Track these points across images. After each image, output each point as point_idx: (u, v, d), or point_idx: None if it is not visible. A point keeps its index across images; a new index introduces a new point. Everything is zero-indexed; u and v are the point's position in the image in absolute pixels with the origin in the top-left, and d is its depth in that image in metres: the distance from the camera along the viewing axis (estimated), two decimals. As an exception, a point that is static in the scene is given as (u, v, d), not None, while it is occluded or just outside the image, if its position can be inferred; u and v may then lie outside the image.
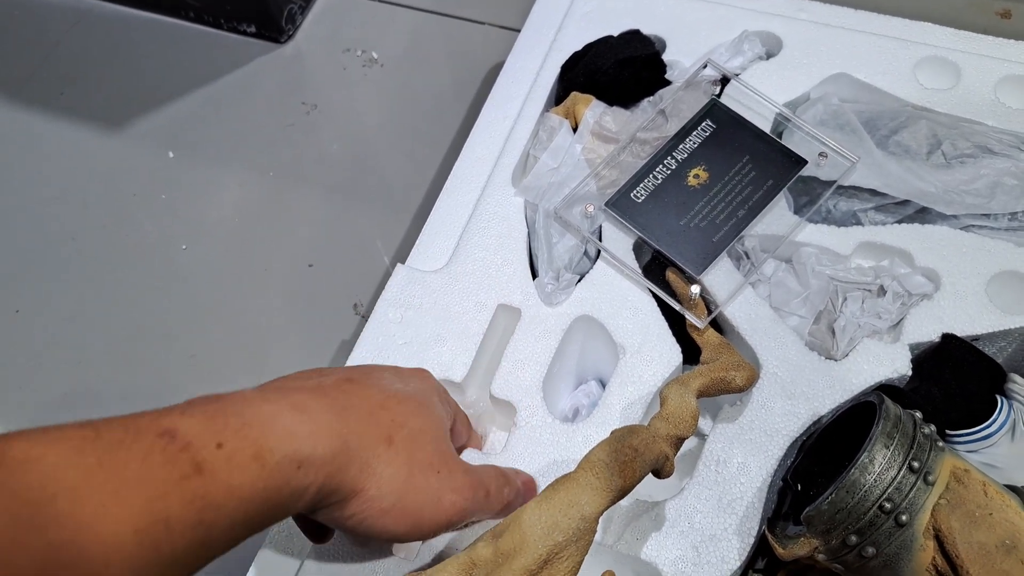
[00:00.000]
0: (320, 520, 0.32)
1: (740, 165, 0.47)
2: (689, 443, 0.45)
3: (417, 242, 0.49)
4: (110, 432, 0.25)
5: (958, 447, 0.42)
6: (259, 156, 0.66)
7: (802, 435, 0.42)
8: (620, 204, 0.48)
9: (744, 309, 0.45)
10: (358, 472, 0.30)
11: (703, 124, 0.49)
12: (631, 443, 0.35)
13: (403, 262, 0.49)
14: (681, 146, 0.48)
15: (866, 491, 0.35)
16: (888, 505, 0.35)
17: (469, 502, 0.34)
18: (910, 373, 0.43)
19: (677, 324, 0.46)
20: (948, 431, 0.42)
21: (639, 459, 0.35)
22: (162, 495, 0.24)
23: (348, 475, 0.30)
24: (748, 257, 0.47)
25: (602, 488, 0.33)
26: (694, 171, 0.48)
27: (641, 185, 0.48)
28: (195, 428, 0.26)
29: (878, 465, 0.35)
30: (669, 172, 0.48)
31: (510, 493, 0.37)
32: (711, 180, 0.47)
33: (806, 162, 0.48)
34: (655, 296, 0.47)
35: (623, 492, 0.34)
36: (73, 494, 0.22)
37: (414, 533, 0.33)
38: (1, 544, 0.20)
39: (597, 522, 0.33)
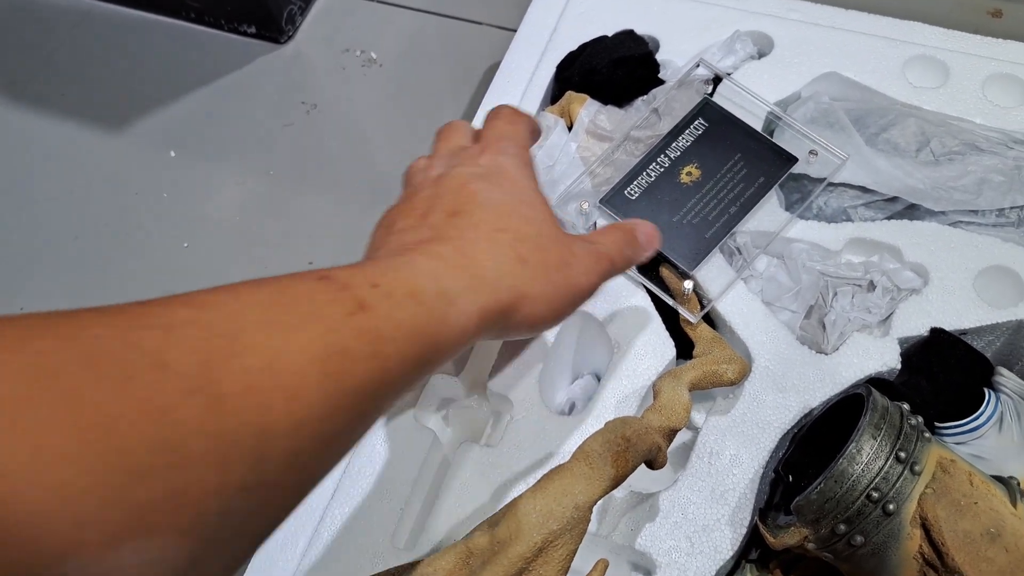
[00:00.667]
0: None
1: (732, 163, 0.48)
2: (683, 436, 0.46)
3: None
4: (274, 281, 0.25)
5: (947, 439, 0.42)
6: (259, 155, 0.66)
7: (793, 427, 0.43)
8: (614, 201, 0.48)
9: (736, 304, 0.46)
10: (508, 296, 0.31)
11: (695, 123, 0.50)
12: (624, 433, 0.36)
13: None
14: (674, 144, 0.49)
15: (854, 481, 0.36)
16: (876, 494, 0.36)
17: (601, 277, 0.36)
18: (899, 367, 0.44)
19: (671, 319, 0.47)
20: (937, 423, 0.42)
21: (632, 449, 0.35)
22: (335, 328, 0.24)
23: (499, 305, 0.31)
24: (740, 253, 0.48)
25: (595, 478, 0.34)
26: (687, 169, 0.48)
27: (635, 183, 0.48)
28: (347, 273, 0.27)
29: (865, 455, 0.36)
30: (662, 170, 0.49)
31: (632, 251, 0.38)
32: (703, 177, 0.48)
33: (796, 160, 0.48)
34: (649, 292, 0.48)
35: (616, 481, 0.35)
36: (260, 327, 0.23)
37: (559, 322, 0.35)
38: (199, 371, 0.20)
39: (591, 511, 0.34)
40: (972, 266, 0.46)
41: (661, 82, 0.54)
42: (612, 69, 0.53)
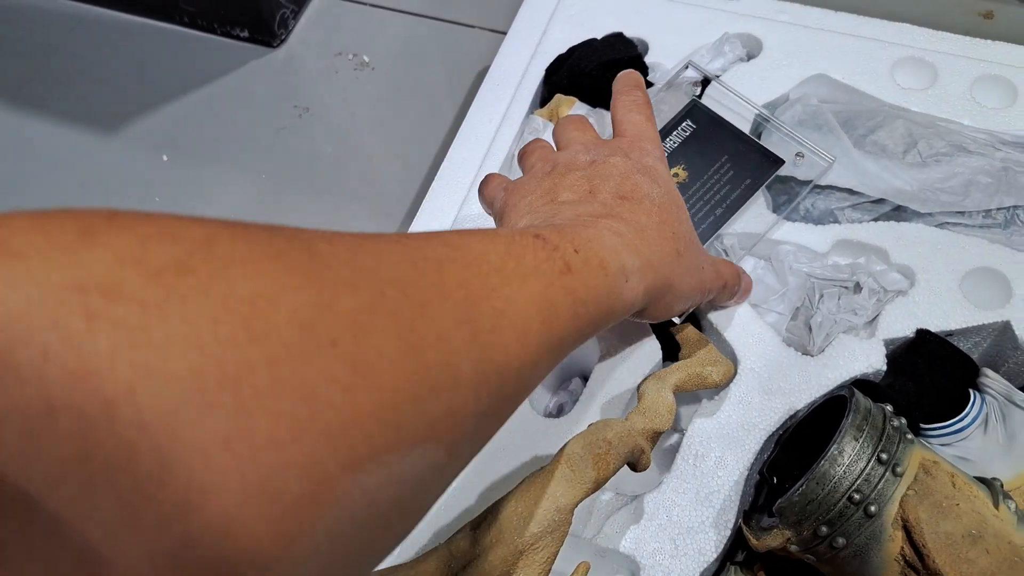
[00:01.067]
0: None
1: (719, 164, 0.48)
2: (669, 438, 0.46)
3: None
4: (504, 232, 0.28)
5: (932, 440, 0.43)
6: (252, 159, 0.67)
7: (778, 429, 0.43)
8: None
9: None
10: (663, 283, 0.34)
11: (683, 124, 0.50)
12: (605, 436, 0.36)
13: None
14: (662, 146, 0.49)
15: (835, 483, 0.36)
16: (857, 496, 0.36)
17: (714, 292, 0.41)
18: (885, 368, 0.44)
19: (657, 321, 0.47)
20: (922, 425, 0.43)
21: (613, 452, 0.35)
22: (550, 284, 0.27)
23: (655, 289, 0.34)
24: (727, 255, 0.48)
25: (576, 480, 0.34)
26: (674, 170, 0.48)
27: None
28: (555, 236, 0.29)
29: (847, 457, 0.36)
30: None
31: (732, 292, 0.44)
32: (690, 179, 0.48)
33: (783, 162, 0.48)
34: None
35: (598, 484, 0.35)
36: (500, 273, 0.25)
37: (680, 315, 0.40)
38: (465, 305, 0.22)
39: (572, 513, 0.34)
40: (959, 267, 0.46)
41: (650, 84, 0.54)
42: (601, 72, 0.53)
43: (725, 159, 0.49)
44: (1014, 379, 0.44)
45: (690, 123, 0.50)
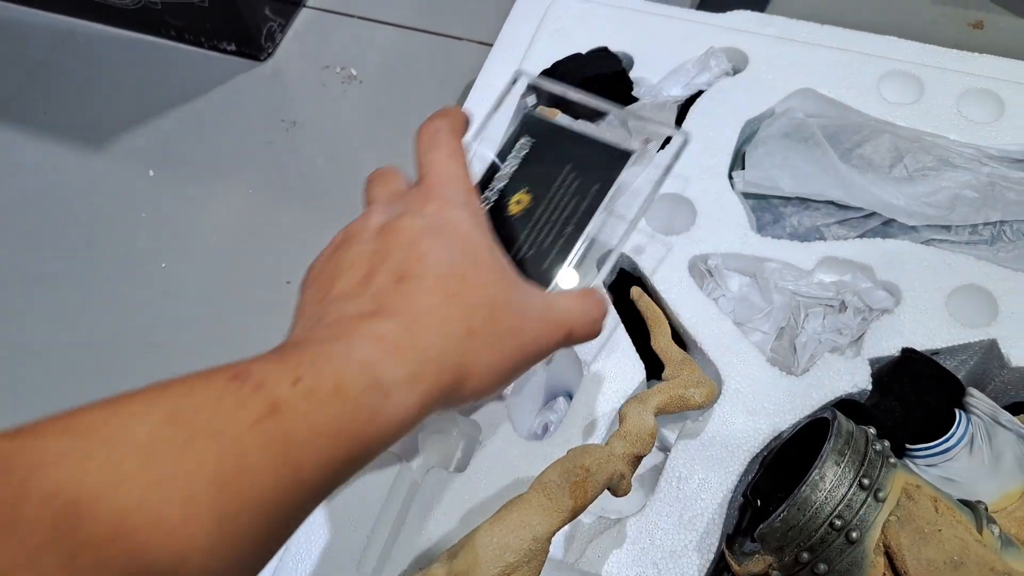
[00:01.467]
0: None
1: (562, 177, 0.42)
2: (653, 459, 0.46)
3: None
4: (180, 385, 0.24)
5: (918, 461, 0.42)
6: (239, 173, 0.66)
7: (763, 450, 0.43)
8: None
9: (708, 325, 0.46)
10: (451, 376, 0.29)
11: (520, 142, 0.44)
12: (583, 463, 0.35)
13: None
14: (499, 174, 0.43)
15: (817, 508, 0.36)
16: (839, 522, 0.35)
17: (554, 346, 0.33)
18: (871, 387, 0.44)
19: (641, 339, 0.47)
20: (907, 445, 0.42)
21: (591, 479, 0.35)
22: (237, 438, 0.23)
23: (443, 388, 0.28)
24: (711, 275, 0.48)
25: (553, 509, 0.34)
26: (516, 197, 0.42)
27: None
28: (267, 368, 0.25)
29: (828, 482, 0.36)
30: (491, 205, 0.42)
31: (594, 327, 0.35)
32: (534, 202, 0.42)
33: (632, 152, 0.42)
34: (620, 313, 0.47)
35: (575, 512, 0.34)
36: (145, 452, 0.21)
37: (505, 388, 0.34)
38: (56, 523, 0.19)
39: (549, 542, 0.34)
40: (945, 285, 0.45)
41: (635, 99, 0.54)
42: (585, 86, 0.53)
43: (569, 168, 0.42)
44: (1000, 398, 0.44)
45: (528, 139, 0.44)
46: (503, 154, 0.44)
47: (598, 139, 0.44)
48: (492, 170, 0.44)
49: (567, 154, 0.43)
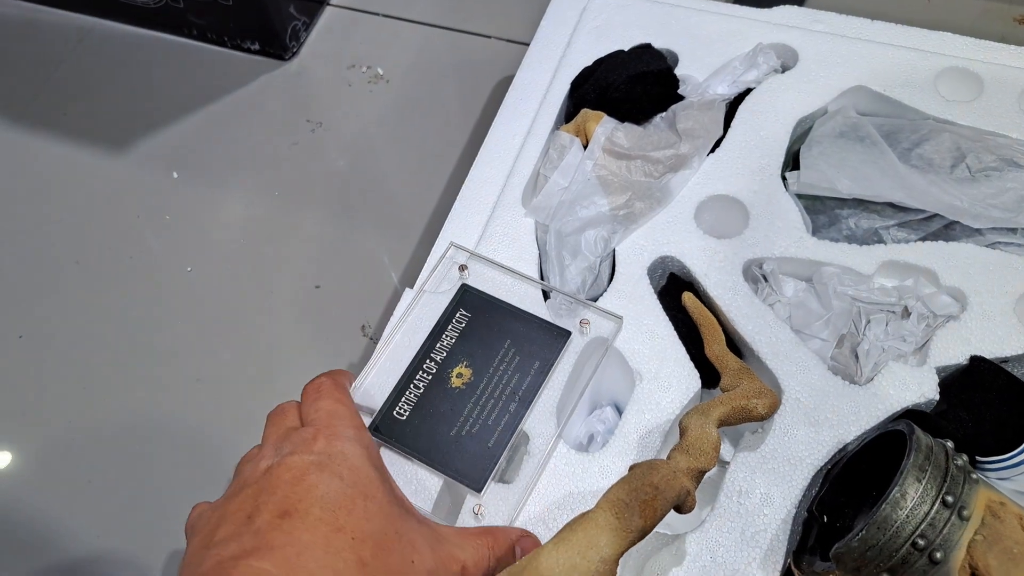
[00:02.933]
0: None
1: (503, 353, 0.43)
2: (710, 472, 0.44)
3: (426, 265, 0.48)
4: None
5: (989, 474, 0.40)
6: (264, 175, 0.65)
7: (827, 464, 0.41)
8: (384, 426, 0.42)
9: (764, 332, 0.44)
10: None
11: (457, 315, 0.45)
12: (651, 480, 0.34)
13: (411, 285, 0.47)
14: (438, 345, 0.44)
15: (898, 527, 0.34)
16: (922, 542, 0.33)
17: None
18: (937, 397, 0.42)
19: (695, 348, 0.45)
20: (979, 457, 0.40)
21: (660, 497, 0.33)
22: None
23: None
24: (767, 280, 0.46)
25: (622, 528, 0.32)
26: (456, 370, 0.43)
27: (403, 399, 0.43)
28: None
29: (910, 500, 0.34)
30: (431, 377, 0.43)
31: (498, 565, 0.35)
32: (475, 376, 0.43)
33: (570, 334, 0.43)
34: (672, 319, 0.45)
35: (644, 532, 0.33)
36: None
37: None
38: None
39: (616, 564, 0.32)
40: (1012, 290, 0.43)
41: (680, 98, 0.52)
42: (629, 85, 0.51)
43: (508, 344, 0.43)
44: (1075, 408, 0.42)
45: (464, 312, 0.45)
46: (440, 327, 0.45)
47: (535, 316, 0.45)
48: (430, 342, 0.44)
49: (506, 329, 0.44)
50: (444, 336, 0.44)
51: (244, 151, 0.66)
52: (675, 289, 0.47)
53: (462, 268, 0.47)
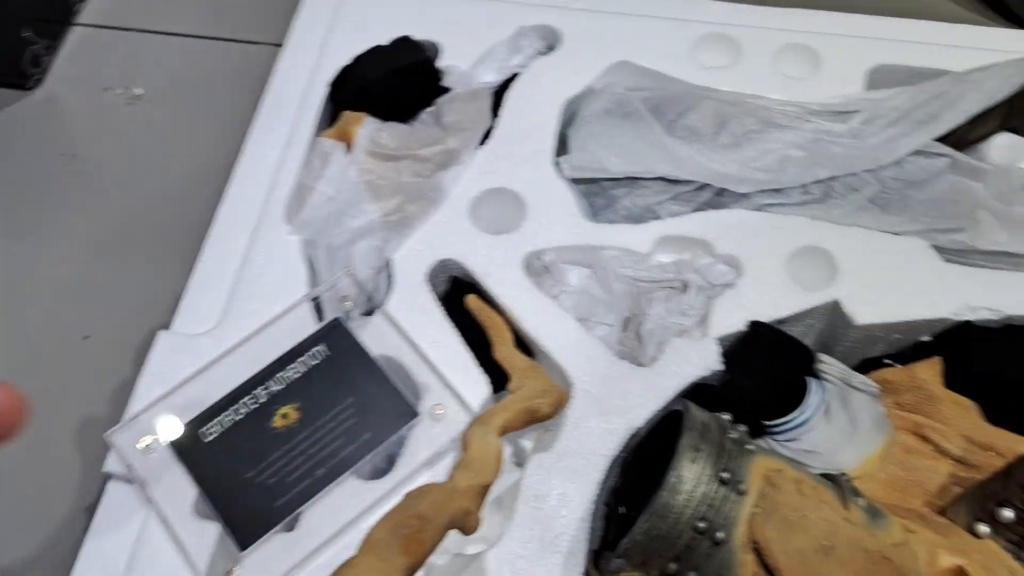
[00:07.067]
0: None
1: (340, 408, 0.40)
2: (513, 476, 0.42)
3: (182, 302, 0.44)
4: None
5: (778, 437, 0.40)
6: (15, 220, 0.58)
7: (621, 452, 0.40)
8: (184, 444, 0.39)
9: (549, 326, 0.42)
10: None
11: (315, 348, 0.41)
12: (417, 510, 0.31)
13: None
14: (279, 374, 0.40)
15: (678, 513, 0.33)
16: (703, 524, 0.32)
17: None
18: (723, 368, 0.41)
19: (483, 351, 0.43)
20: (765, 422, 0.40)
21: (428, 527, 0.31)
22: None
23: None
24: (548, 272, 0.44)
25: (386, 570, 0.29)
26: (283, 409, 0.40)
27: (218, 420, 0.39)
28: None
29: (688, 483, 0.33)
30: (256, 406, 0.40)
31: None
32: (300, 423, 0.39)
33: (417, 414, 0.40)
34: (459, 325, 0.43)
35: (412, 569, 0.30)
36: None
37: None
38: None
39: (386, 609, 0.29)
40: (782, 250, 0.44)
41: (446, 90, 0.50)
42: (389, 81, 0.48)
43: (350, 402, 0.40)
44: (849, 359, 0.43)
45: (325, 348, 0.41)
46: (293, 355, 0.41)
47: (393, 383, 0.41)
48: (273, 368, 0.40)
49: (355, 384, 0.40)
50: (290, 367, 0.40)
51: (-10, 194, 0.59)
52: (459, 293, 0.44)
53: (344, 299, 0.42)
